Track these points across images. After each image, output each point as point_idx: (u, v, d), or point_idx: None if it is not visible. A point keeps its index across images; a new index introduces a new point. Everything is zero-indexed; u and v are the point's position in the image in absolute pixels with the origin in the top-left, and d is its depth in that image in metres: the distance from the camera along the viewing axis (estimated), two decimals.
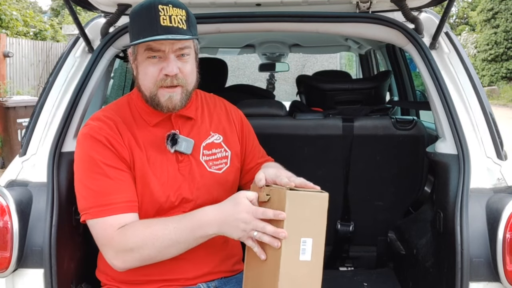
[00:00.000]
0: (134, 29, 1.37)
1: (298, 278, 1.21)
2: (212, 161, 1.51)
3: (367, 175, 2.26)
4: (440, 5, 1.82)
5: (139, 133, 1.44)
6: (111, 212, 1.33)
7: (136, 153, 1.41)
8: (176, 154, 1.46)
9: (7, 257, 1.44)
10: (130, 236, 1.30)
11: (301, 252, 1.21)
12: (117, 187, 1.36)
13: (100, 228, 1.34)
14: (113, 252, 1.33)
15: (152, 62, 1.38)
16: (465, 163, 1.56)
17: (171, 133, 1.45)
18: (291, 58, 6.50)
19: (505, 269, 1.41)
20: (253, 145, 1.66)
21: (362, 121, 2.23)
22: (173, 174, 1.44)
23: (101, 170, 1.36)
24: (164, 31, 1.32)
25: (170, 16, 1.33)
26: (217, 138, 1.55)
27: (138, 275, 1.43)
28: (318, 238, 1.22)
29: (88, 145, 1.39)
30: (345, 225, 2.37)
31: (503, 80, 20.47)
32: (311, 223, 1.22)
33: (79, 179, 1.39)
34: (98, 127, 1.40)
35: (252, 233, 1.22)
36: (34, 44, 11.70)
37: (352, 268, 2.46)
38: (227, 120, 1.61)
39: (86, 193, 1.36)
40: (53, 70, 1.81)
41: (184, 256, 1.38)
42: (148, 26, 1.33)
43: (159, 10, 1.33)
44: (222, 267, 1.53)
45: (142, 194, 1.40)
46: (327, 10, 1.84)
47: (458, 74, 1.72)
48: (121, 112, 1.47)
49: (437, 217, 1.68)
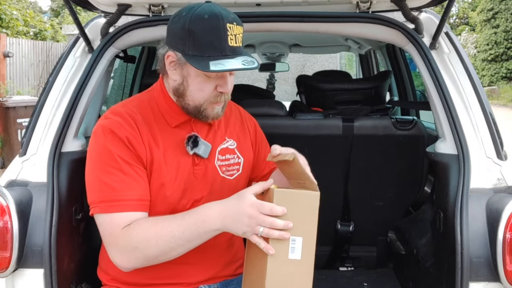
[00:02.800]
0: (195, 41, 1.29)
1: (287, 277, 1.20)
2: (226, 167, 1.50)
3: (367, 175, 2.26)
4: (440, 5, 1.82)
5: (159, 133, 1.42)
6: (121, 208, 1.30)
7: (154, 152, 1.39)
8: (193, 157, 1.44)
9: (7, 257, 1.44)
10: (135, 234, 1.28)
11: (290, 251, 1.20)
12: (130, 183, 1.33)
13: (107, 225, 1.31)
14: (118, 251, 1.31)
15: (209, 79, 1.35)
16: (465, 163, 1.55)
17: (193, 135, 1.44)
18: (291, 58, 6.50)
19: (505, 269, 1.40)
20: (266, 151, 1.66)
21: (362, 121, 2.23)
22: (187, 176, 1.43)
23: (117, 164, 1.33)
24: (231, 52, 1.29)
25: (235, 36, 1.30)
26: (232, 144, 1.54)
27: (140, 278, 1.42)
28: (309, 237, 1.21)
29: (107, 139, 1.35)
30: (345, 225, 2.37)
31: (503, 80, 20.46)
32: (300, 222, 1.20)
33: (92, 170, 1.36)
34: (119, 123, 1.37)
35: (257, 228, 1.19)
36: (34, 44, 11.70)
37: (352, 268, 2.46)
38: (241, 127, 1.60)
39: (99, 185, 1.33)
40: (53, 70, 1.81)
41: (188, 260, 1.37)
42: (217, 44, 1.28)
43: (227, 29, 1.28)
44: (225, 272, 1.52)
45: (156, 194, 1.38)
46: (327, 10, 1.84)
47: (458, 74, 1.71)
48: (142, 110, 1.43)
49: (437, 217, 1.68)
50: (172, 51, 1.35)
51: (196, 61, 1.28)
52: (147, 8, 1.81)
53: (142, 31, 1.80)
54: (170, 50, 1.35)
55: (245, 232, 1.22)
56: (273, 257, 1.19)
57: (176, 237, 1.26)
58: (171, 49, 1.35)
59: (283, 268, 1.20)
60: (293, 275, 1.21)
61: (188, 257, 1.33)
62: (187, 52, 1.31)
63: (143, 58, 3.47)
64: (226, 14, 1.30)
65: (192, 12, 1.30)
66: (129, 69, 3.44)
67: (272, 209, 1.18)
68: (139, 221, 1.31)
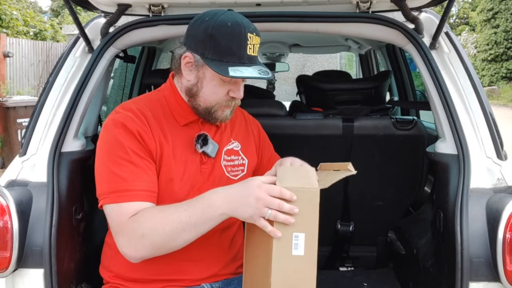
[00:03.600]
0: (216, 46, 1.34)
1: (291, 273, 1.21)
2: (231, 167, 1.53)
3: (367, 175, 2.26)
4: (440, 5, 1.82)
5: (168, 130, 1.44)
6: (130, 198, 1.31)
7: (164, 148, 1.41)
8: (201, 155, 1.47)
9: (7, 257, 1.44)
10: (142, 221, 1.28)
11: (294, 247, 1.20)
12: (140, 174, 1.34)
13: (116, 215, 1.32)
14: (126, 239, 1.30)
15: (223, 83, 1.39)
16: (465, 163, 1.56)
17: (203, 134, 1.47)
18: (291, 58, 6.51)
19: (505, 269, 1.40)
20: (270, 153, 1.70)
21: (362, 121, 2.23)
22: (194, 174, 1.45)
23: (128, 156, 1.34)
24: (249, 61, 1.35)
25: (254, 45, 1.36)
26: (236, 145, 1.57)
27: (143, 274, 1.43)
28: (311, 233, 1.21)
29: (118, 131, 1.37)
30: (345, 225, 2.37)
31: (503, 80, 20.48)
32: (302, 218, 1.21)
33: (103, 162, 1.37)
34: (130, 117, 1.39)
35: (265, 210, 1.19)
36: (34, 44, 11.70)
37: (352, 268, 2.46)
38: (245, 130, 1.64)
39: (109, 177, 1.34)
40: (53, 70, 1.81)
41: (191, 257, 1.37)
42: (237, 51, 1.34)
43: (248, 38, 1.34)
44: (227, 270, 1.53)
45: (164, 188, 1.40)
46: (327, 10, 1.84)
47: (458, 74, 1.71)
48: (152, 107, 1.46)
49: (437, 217, 1.68)
50: (190, 52, 1.39)
51: (215, 65, 1.33)
52: (147, 8, 1.81)
53: (142, 31, 1.81)
54: (188, 51, 1.39)
55: (252, 214, 1.21)
56: (278, 254, 1.19)
57: (183, 222, 1.25)
58: (189, 50, 1.39)
59: (287, 264, 1.20)
60: (297, 272, 1.21)
61: (191, 253, 1.34)
62: (207, 56, 1.35)
63: (143, 58, 3.47)
64: (248, 24, 1.37)
65: (216, 18, 1.36)
66: (129, 69, 3.43)
67: (281, 192, 1.20)
68: (146, 209, 1.32)
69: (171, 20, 1.78)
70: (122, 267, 1.45)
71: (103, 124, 1.42)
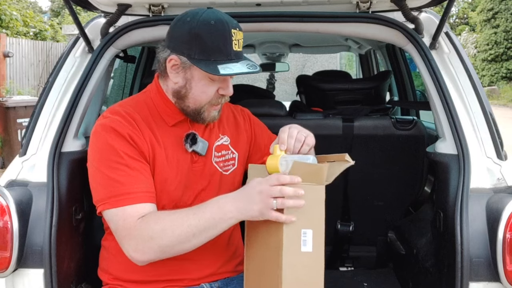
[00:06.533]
0: (202, 46, 1.33)
1: (301, 269, 1.22)
2: (222, 162, 1.54)
3: (367, 175, 2.26)
4: (440, 5, 1.82)
5: (158, 132, 1.44)
6: (133, 201, 1.31)
7: (156, 149, 1.41)
8: (191, 154, 1.47)
9: (7, 257, 1.44)
10: (152, 223, 1.28)
11: (302, 244, 1.22)
12: (137, 177, 1.34)
13: (120, 219, 1.30)
14: (133, 243, 1.29)
15: (212, 82, 1.39)
16: (465, 163, 1.56)
17: (191, 133, 1.46)
18: (291, 58, 6.50)
19: (505, 269, 1.41)
20: (267, 136, 1.68)
21: (362, 121, 2.23)
22: (187, 173, 1.46)
23: (122, 160, 1.33)
24: (236, 56, 1.35)
25: (238, 41, 1.36)
26: (226, 140, 1.57)
27: (142, 275, 1.43)
28: (318, 229, 1.23)
29: (108, 136, 1.36)
30: (345, 225, 2.37)
31: (503, 80, 20.47)
32: (309, 214, 1.22)
33: (97, 168, 1.36)
34: (119, 121, 1.38)
35: (271, 201, 1.21)
36: (34, 44, 11.70)
37: (352, 268, 2.46)
38: (234, 122, 1.63)
39: (105, 182, 1.33)
40: (53, 70, 1.81)
41: (189, 256, 1.38)
42: (223, 48, 1.33)
43: (232, 34, 1.34)
44: (226, 268, 1.54)
45: (160, 188, 1.40)
46: (327, 10, 1.84)
47: (458, 74, 1.72)
48: (140, 110, 1.45)
49: (437, 217, 1.68)
50: (175, 54, 1.37)
51: (204, 65, 1.32)
52: (147, 8, 1.81)
53: (142, 31, 1.81)
54: (173, 54, 1.37)
55: (261, 209, 1.22)
56: (287, 251, 1.21)
57: (193, 226, 1.26)
58: (174, 52, 1.37)
59: (297, 261, 1.22)
60: (306, 268, 1.23)
61: (189, 252, 1.34)
62: (193, 56, 1.34)
63: (143, 58, 3.47)
64: (230, 20, 1.36)
65: (198, 17, 1.34)
66: (129, 69, 3.44)
67: (278, 178, 1.22)
68: (154, 212, 1.33)
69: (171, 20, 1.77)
70: (120, 269, 1.45)
71: (92, 130, 1.41)
